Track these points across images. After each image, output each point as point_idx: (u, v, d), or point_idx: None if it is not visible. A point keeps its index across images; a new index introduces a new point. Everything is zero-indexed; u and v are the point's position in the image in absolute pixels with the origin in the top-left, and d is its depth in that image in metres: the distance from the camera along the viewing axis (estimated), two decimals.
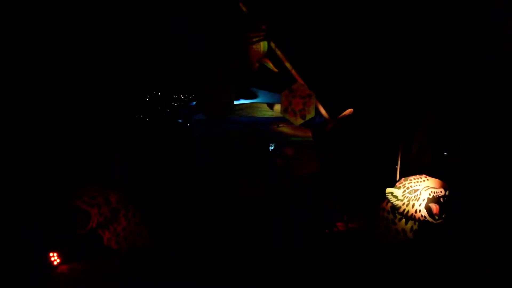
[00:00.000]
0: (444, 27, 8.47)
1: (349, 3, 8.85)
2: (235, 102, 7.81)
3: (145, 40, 9.04)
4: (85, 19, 8.71)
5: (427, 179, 6.22)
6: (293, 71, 7.75)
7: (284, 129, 9.55)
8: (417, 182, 6.21)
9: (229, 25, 8.13)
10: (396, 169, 6.74)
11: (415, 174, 6.37)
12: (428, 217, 6.09)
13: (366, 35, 8.78)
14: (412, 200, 6.15)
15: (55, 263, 6.27)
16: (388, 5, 8.70)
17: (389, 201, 6.26)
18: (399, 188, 6.25)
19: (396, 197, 6.22)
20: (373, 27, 8.73)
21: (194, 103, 8.36)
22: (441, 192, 6.07)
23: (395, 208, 6.25)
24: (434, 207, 6.07)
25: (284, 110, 7.67)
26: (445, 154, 7.99)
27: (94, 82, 8.91)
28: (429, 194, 6.09)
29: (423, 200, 6.10)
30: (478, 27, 8.36)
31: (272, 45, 7.81)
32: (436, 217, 6.06)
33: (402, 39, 8.63)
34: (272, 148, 8.32)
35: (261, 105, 8.02)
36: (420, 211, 6.12)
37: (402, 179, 6.37)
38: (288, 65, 7.77)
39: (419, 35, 8.57)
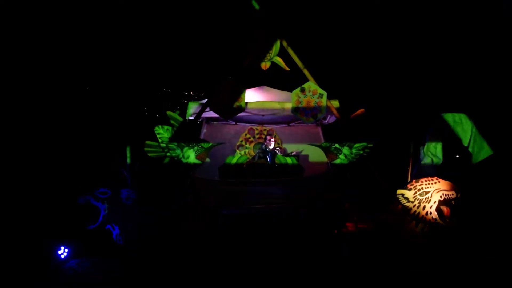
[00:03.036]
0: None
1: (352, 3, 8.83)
2: (246, 100, 7.77)
3: (154, 37, 9.06)
4: (92, 19, 8.78)
5: (439, 181, 6.18)
6: (305, 70, 7.70)
7: (295, 128, 9.55)
8: (429, 184, 6.18)
9: (241, 23, 8.10)
10: (407, 171, 6.64)
11: (426, 176, 6.31)
12: (439, 220, 6.06)
13: (374, 35, 8.75)
14: (423, 202, 6.13)
15: (64, 257, 6.28)
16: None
17: (399, 202, 6.23)
18: (410, 189, 6.22)
19: (407, 198, 6.19)
20: (380, 27, 8.69)
21: (205, 100, 8.31)
22: (452, 194, 6.05)
23: (405, 209, 6.21)
24: (445, 210, 6.05)
25: (295, 109, 7.64)
26: (457, 156, 7.90)
27: (104, 80, 8.95)
28: (440, 197, 6.06)
29: (434, 203, 6.08)
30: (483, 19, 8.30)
31: (284, 43, 7.76)
32: (447, 220, 6.03)
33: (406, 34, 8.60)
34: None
35: (272, 104, 7.97)
36: (431, 213, 6.10)
37: (413, 180, 6.32)
38: (300, 63, 7.72)
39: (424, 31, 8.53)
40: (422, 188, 6.18)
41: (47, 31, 8.70)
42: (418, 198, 6.17)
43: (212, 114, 7.96)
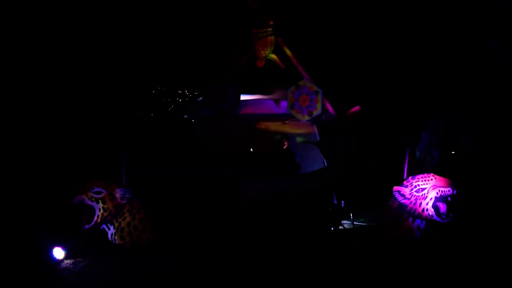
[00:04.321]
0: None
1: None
2: (241, 98, 7.76)
3: (149, 36, 9.03)
4: (88, 18, 8.76)
5: (435, 178, 6.20)
6: (300, 68, 7.67)
7: (290, 126, 9.49)
8: (425, 181, 6.19)
9: (236, 21, 8.06)
10: (403, 168, 6.70)
11: (422, 172, 6.35)
12: (435, 216, 6.07)
13: (370, 31, 8.72)
14: (419, 199, 6.14)
15: (59, 257, 6.24)
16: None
17: (396, 199, 6.25)
18: (406, 186, 6.23)
19: (403, 195, 6.20)
20: (376, 23, 8.67)
21: (200, 99, 8.28)
22: (448, 191, 6.06)
23: (402, 206, 6.23)
24: (442, 206, 6.07)
25: (291, 106, 7.61)
26: (453, 152, 7.91)
27: (98, 78, 8.90)
28: (437, 193, 6.07)
29: (430, 199, 6.09)
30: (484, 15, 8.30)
31: (279, 41, 7.73)
32: (444, 216, 6.06)
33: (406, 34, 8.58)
34: None
35: (267, 101, 7.95)
36: (427, 210, 6.11)
37: (410, 177, 6.33)
38: (295, 61, 7.69)
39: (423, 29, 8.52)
40: (419, 185, 6.19)
41: (43, 28, 8.70)
42: (415, 195, 6.18)
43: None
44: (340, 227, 7.62)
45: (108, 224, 6.39)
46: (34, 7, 8.60)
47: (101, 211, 6.24)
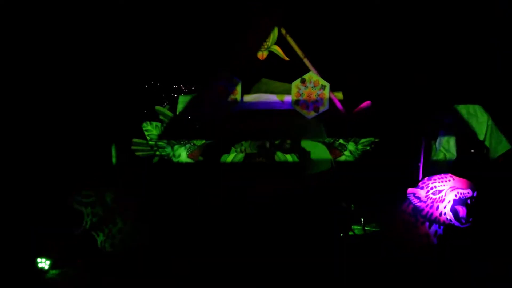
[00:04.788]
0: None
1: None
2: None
3: (145, 31, 8.89)
4: (82, 13, 8.69)
5: (453, 179, 5.86)
6: (305, 60, 7.34)
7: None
8: (442, 182, 5.86)
9: (237, 10, 7.87)
10: (418, 168, 6.50)
11: (439, 173, 6.03)
12: (454, 221, 5.74)
13: (382, 22, 8.57)
14: (436, 202, 5.81)
15: (45, 268, 6.00)
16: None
17: (411, 202, 5.93)
18: (422, 188, 5.91)
19: (418, 198, 5.87)
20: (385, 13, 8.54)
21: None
22: (468, 193, 5.74)
23: (417, 210, 5.91)
24: (461, 210, 5.74)
25: (296, 102, 7.31)
26: (472, 151, 7.68)
27: (92, 76, 8.81)
28: (455, 196, 5.74)
29: (448, 202, 5.75)
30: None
31: (283, 31, 7.40)
32: (463, 221, 5.72)
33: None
34: None
35: (270, 96, 7.66)
36: (445, 213, 5.77)
37: (425, 178, 6.01)
38: (300, 53, 7.38)
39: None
40: (435, 187, 5.87)
41: (36, 25, 8.63)
42: (431, 198, 5.85)
43: None
44: (350, 233, 7.39)
45: (98, 231, 6.05)
46: (33, 5, 8.52)
47: (90, 216, 5.91)
